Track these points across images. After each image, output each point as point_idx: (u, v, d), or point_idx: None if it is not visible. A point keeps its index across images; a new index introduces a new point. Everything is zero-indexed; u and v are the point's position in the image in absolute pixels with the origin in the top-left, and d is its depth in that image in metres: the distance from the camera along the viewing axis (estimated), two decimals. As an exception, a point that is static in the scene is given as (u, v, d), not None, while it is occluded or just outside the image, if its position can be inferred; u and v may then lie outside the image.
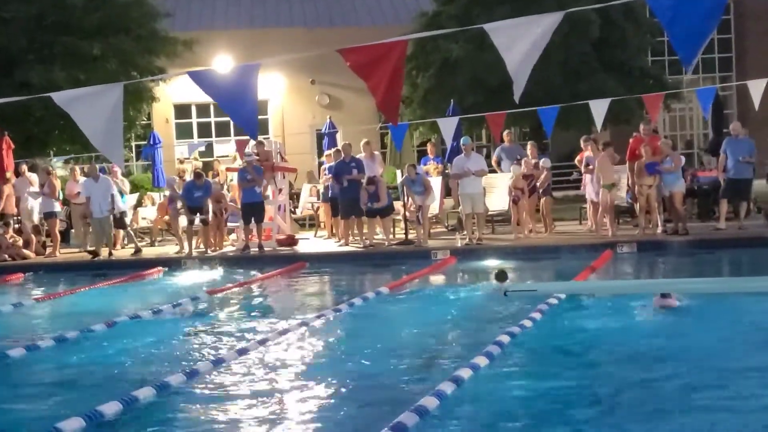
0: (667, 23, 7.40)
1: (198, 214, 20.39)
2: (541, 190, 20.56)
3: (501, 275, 14.32)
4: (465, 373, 8.47)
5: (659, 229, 18.97)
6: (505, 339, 9.99)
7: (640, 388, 8.21)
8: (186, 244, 20.49)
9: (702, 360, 9.10)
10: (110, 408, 7.81)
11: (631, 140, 20.25)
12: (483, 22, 8.62)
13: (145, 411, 8.05)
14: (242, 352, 10.21)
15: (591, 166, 19.81)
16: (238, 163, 22.40)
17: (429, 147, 24.37)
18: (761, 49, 37.82)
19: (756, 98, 18.44)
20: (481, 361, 8.97)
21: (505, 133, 22.89)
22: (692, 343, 9.96)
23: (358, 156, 20.95)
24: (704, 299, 12.36)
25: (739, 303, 11.92)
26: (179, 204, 21.00)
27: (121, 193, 22.32)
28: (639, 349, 9.84)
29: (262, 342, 10.72)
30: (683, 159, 20.99)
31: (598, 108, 19.29)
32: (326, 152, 23.83)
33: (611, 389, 8.18)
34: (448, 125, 21.11)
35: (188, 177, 22.56)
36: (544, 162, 21.01)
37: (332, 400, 8.25)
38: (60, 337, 11.64)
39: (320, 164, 25.77)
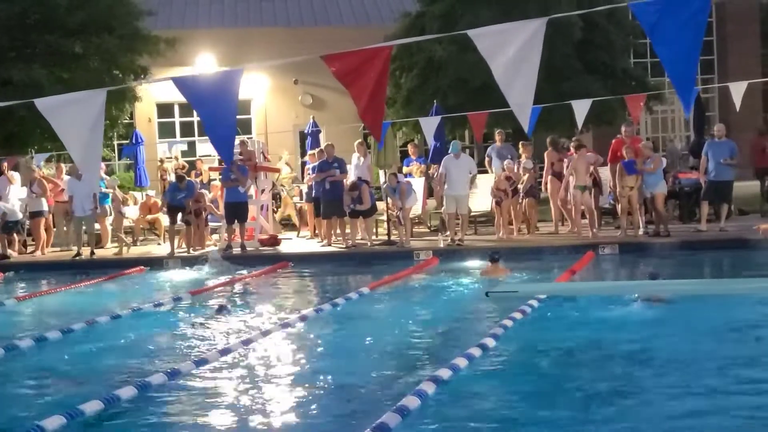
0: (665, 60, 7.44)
1: (180, 214, 20.35)
2: (523, 192, 20.59)
3: (494, 256, 15.39)
4: (445, 373, 8.49)
5: (641, 231, 19.04)
6: (486, 340, 10.01)
7: (621, 386, 8.26)
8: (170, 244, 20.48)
9: (681, 358, 9.16)
10: (91, 406, 7.80)
11: (612, 141, 20.31)
12: (467, 23, 8.65)
13: (126, 410, 8.04)
14: (225, 352, 10.19)
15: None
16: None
17: (410, 148, 24.39)
18: (742, 52, 37.97)
19: (737, 100, 18.54)
20: (462, 361, 8.99)
21: (496, 133, 22.99)
22: (673, 343, 10.01)
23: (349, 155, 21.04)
24: (685, 300, 12.42)
25: (719, 304, 11.97)
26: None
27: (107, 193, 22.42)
28: (620, 348, 9.91)
29: (245, 342, 10.71)
30: (664, 161, 21.09)
31: (580, 108, 19.35)
32: (309, 152, 23.82)
33: (593, 389, 8.22)
34: (430, 125, 21.13)
35: (170, 177, 22.52)
36: (526, 163, 21.06)
37: (314, 401, 8.25)
38: (40, 336, 11.60)
39: (303, 164, 25.73)
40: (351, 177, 21.00)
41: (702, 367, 8.81)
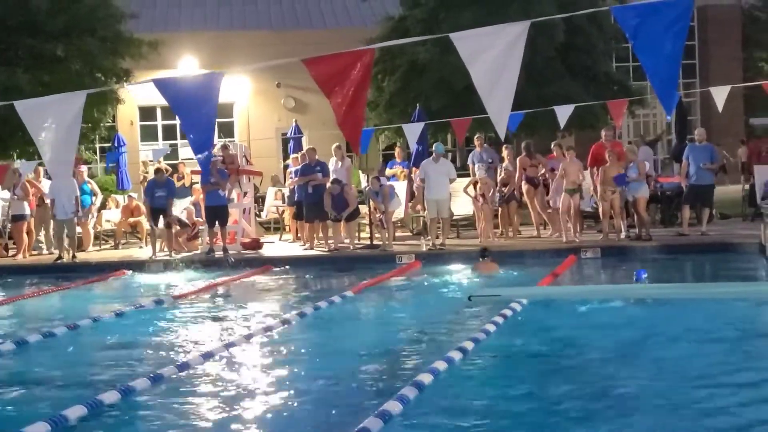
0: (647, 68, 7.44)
1: (162, 216, 20.26)
2: (507, 195, 20.58)
3: (483, 252, 15.71)
4: (427, 377, 8.50)
5: (623, 235, 19.07)
6: (468, 344, 10.03)
7: (602, 389, 8.30)
8: (152, 247, 20.41)
9: (662, 361, 9.24)
10: (75, 412, 7.78)
11: (592, 146, 20.33)
12: (449, 26, 8.63)
13: (110, 415, 8.02)
14: (207, 356, 10.18)
15: (555, 171, 19.93)
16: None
17: (397, 151, 24.40)
18: (724, 56, 38.13)
19: (719, 103, 18.59)
20: (442, 365, 9.00)
21: (475, 138, 22.99)
22: (655, 345, 10.10)
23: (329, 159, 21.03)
24: (666, 303, 12.49)
25: (701, 307, 12.02)
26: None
27: (93, 193, 22.32)
28: (601, 350, 9.99)
29: (227, 345, 10.70)
30: (647, 164, 21.14)
31: (563, 112, 19.38)
32: (292, 155, 23.80)
33: (574, 392, 8.24)
34: (412, 130, 21.15)
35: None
36: (507, 166, 21.08)
37: (296, 405, 8.26)
38: (22, 340, 11.57)
39: (285, 167, 25.66)
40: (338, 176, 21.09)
41: (684, 369, 8.88)
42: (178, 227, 20.89)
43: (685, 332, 10.70)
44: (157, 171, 21.00)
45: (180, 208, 21.55)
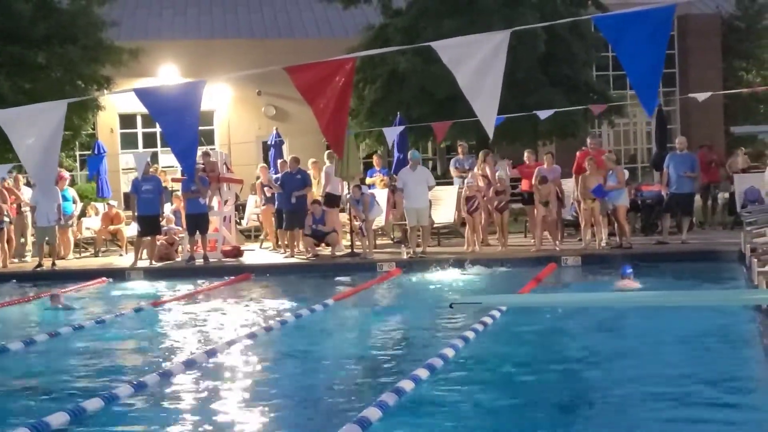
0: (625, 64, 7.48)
1: (150, 225, 20.12)
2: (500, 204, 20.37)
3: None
4: (407, 384, 8.50)
5: (603, 243, 19.11)
6: (448, 351, 10.04)
7: (582, 396, 8.34)
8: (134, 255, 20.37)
9: (642, 368, 9.28)
10: (57, 419, 7.77)
11: (578, 153, 20.37)
12: (430, 35, 8.64)
13: (92, 422, 8.00)
14: (188, 363, 10.17)
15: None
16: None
17: (375, 159, 24.41)
18: (704, 65, 38.27)
19: (701, 98, 18.72)
20: (423, 372, 9.02)
21: (458, 145, 23.03)
22: (634, 353, 10.14)
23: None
24: (644, 311, 12.54)
25: (680, 315, 12.06)
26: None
27: (73, 201, 22.26)
28: (581, 358, 10.01)
29: (209, 353, 10.68)
30: (627, 173, 21.21)
31: (544, 115, 19.46)
32: (261, 165, 23.90)
33: (554, 399, 8.27)
34: (393, 134, 21.20)
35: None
36: (500, 174, 20.88)
37: (276, 412, 8.27)
38: (2, 347, 11.52)
39: (257, 178, 25.45)
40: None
41: (665, 374, 8.93)
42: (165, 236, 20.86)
43: (665, 339, 10.76)
44: (145, 165, 20.98)
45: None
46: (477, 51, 7.69)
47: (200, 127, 9.85)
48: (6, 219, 21.33)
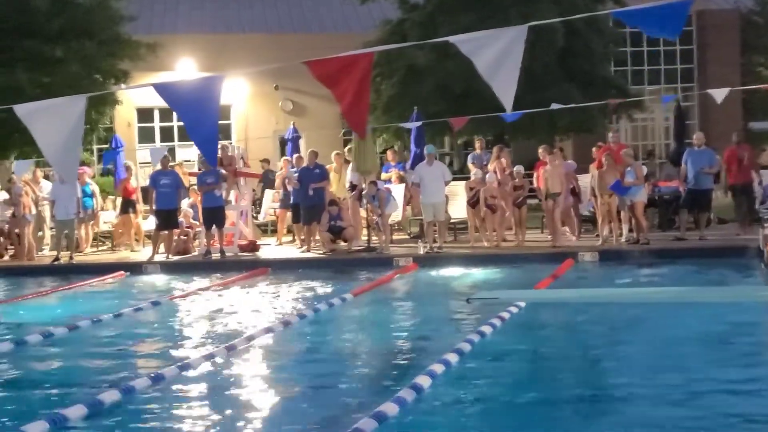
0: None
1: (167, 219, 20.14)
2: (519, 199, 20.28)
3: None
4: (425, 380, 8.48)
5: (623, 239, 19.03)
6: (465, 346, 10.03)
7: (599, 391, 8.33)
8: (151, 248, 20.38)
9: (659, 363, 9.27)
10: (75, 411, 7.79)
11: (596, 149, 20.28)
12: (447, 30, 8.62)
13: (109, 414, 8.02)
14: (207, 357, 10.18)
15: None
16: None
17: (389, 154, 24.33)
18: (722, 61, 38.07)
19: (719, 99, 18.58)
20: (440, 367, 9.00)
21: (476, 140, 22.99)
22: (652, 348, 10.11)
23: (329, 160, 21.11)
24: (662, 307, 12.52)
25: (698, 311, 12.04)
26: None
27: (93, 195, 22.30)
28: (598, 353, 9.98)
29: (228, 348, 10.68)
30: (645, 168, 21.11)
31: (559, 110, 19.41)
32: (285, 158, 23.88)
33: (571, 394, 8.27)
34: (410, 131, 21.17)
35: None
36: (519, 169, 20.68)
37: (294, 406, 8.30)
38: (21, 340, 11.57)
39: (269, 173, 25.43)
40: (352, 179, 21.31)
41: (683, 369, 8.89)
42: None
43: (683, 334, 10.73)
44: (164, 158, 21.00)
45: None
46: (495, 42, 7.68)
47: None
48: (32, 213, 21.37)
